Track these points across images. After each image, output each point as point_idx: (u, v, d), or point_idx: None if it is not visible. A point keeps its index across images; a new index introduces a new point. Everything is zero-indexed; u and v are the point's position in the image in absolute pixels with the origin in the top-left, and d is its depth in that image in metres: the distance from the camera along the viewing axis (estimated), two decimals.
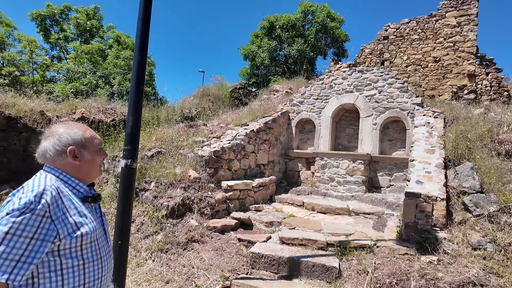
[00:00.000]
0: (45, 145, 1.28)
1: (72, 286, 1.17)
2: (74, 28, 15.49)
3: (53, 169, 1.27)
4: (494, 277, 3.15)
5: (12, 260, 1.03)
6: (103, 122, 6.37)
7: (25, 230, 1.05)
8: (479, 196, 3.92)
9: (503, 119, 5.43)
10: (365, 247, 3.87)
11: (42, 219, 1.09)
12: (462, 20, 11.86)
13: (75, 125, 1.38)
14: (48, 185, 1.17)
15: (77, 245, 1.18)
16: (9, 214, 1.05)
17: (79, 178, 1.31)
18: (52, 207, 1.12)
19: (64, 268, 1.16)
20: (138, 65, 2.99)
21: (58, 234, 1.13)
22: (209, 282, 3.42)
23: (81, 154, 1.31)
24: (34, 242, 1.07)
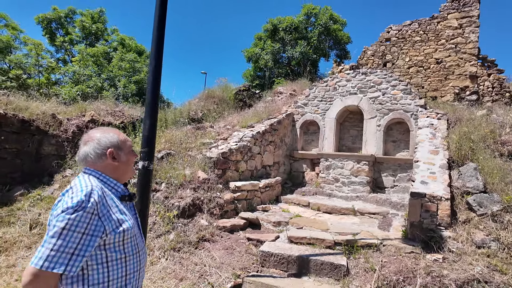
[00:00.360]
0: (86, 150, 1.40)
1: (116, 277, 1.29)
2: (80, 31, 15.67)
3: (93, 171, 1.39)
4: (498, 274, 3.24)
5: (68, 253, 1.15)
6: (112, 124, 6.50)
7: (78, 226, 1.17)
8: (483, 196, 4.02)
9: (505, 120, 5.53)
10: (372, 246, 3.97)
11: (92, 216, 1.20)
12: (464, 22, 11.94)
13: (110, 129, 1.50)
14: (94, 185, 1.29)
15: (120, 240, 1.30)
16: (64, 212, 1.16)
17: (116, 179, 1.43)
18: (99, 205, 1.24)
19: (109, 260, 1.27)
20: (154, 71, 3.12)
21: (105, 229, 1.25)
22: (221, 280, 3.53)
23: (118, 155, 1.43)
24: (85, 237, 1.19)
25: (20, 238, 4.16)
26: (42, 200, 4.94)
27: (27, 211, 4.64)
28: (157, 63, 3.13)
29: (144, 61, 14.61)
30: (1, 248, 3.95)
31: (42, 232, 4.30)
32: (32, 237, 4.20)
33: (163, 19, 3.19)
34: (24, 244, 4.07)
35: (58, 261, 1.13)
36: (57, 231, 1.14)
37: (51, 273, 1.13)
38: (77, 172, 5.67)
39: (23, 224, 4.40)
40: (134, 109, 7.97)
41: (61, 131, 5.90)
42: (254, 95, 10.86)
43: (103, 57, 13.68)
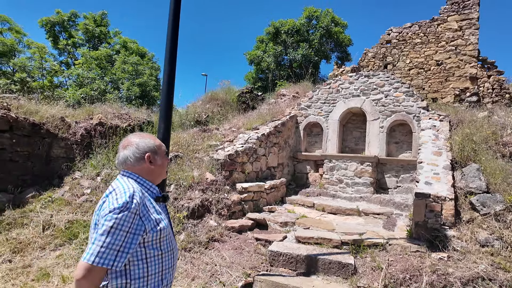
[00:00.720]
0: (126, 153, 1.50)
1: (154, 272, 1.40)
2: (83, 34, 15.80)
3: (132, 173, 1.49)
4: (502, 272, 3.34)
5: (115, 250, 1.26)
6: (119, 127, 6.60)
7: (124, 225, 1.27)
8: (486, 196, 4.12)
9: (506, 122, 5.64)
10: (378, 245, 4.07)
11: (135, 216, 1.31)
12: (464, 24, 12.05)
13: (146, 135, 1.61)
14: (135, 187, 1.39)
15: (157, 238, 1.41)
16: (112, 212, 1.27)
17: (151, 181, 1.53)
18: (140, 206, 1.35)
19: (148, 257, 1.38)
20: (168, 77, 3.23)
21: (145, 228, 1.35)
22: (232, 279, 3.63)
23: (154, 159, 1.53)
24: (130, 235, 1.29)
25: (33, 239, 4.25)
26: (53, 202, 5.03)
27: (39, 212, 4.73)
28: (171, 70, 3.24)
29: (146, 63, 14.74)
30: (16, 249, 4.04)
31: (54, 233, 4.40)
32: (46, 238, 4.29)
33: (176, 27, 3.30)
34: (38, 245, 4.16)
35: (107, 257, 1.24)
36: (106, 229, 1.25)
37: (101, 268, 1.24)
38: (85, 174, 5.77)
39: (36, 226, 4.49)
40: (140, 112, 8.07)
41: (70, 134, 6.00)
42: (256, 97, 10.98)
43: (106, 60, 13.80)
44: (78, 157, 5.88)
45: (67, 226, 4.51)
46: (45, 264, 3.79)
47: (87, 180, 5.57)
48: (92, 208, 4.94)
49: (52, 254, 4.06)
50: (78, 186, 5.42)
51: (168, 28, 3.29)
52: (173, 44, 3.28)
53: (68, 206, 4.96)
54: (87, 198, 5.14)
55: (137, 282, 1.35)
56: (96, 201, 5.07)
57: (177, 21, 3.32)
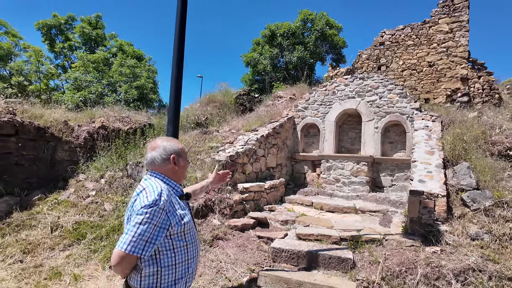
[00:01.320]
0: (154, 154, 1.69)
1: (181, 260, 1.58)
2: (79, 37, 15.84)
3: (158, 174, 1.68)
4: (491, 264, 3.55)
5: (144, 240, 1.45)
6: (121, 130, 6.73)
7: (153, 219, 1.46)
8: (476, 193, 4.35)
9: (495, 122, 5.91)
10: (375, 241, 4.27)
11: (162, 211, 1.50)
12: (454, 27, 12.36)
13: (171, 139, 1.81)
14: (163, 186, 1.58)
15: (182, 231, 1.59)
16: (143, 207, 1.46)
17: (175, 181, 1.71)
18: (166, 203, 1.54)
19: (175, 247, 1.56)
20: (176, 82, 3.39)
21: (170, 223, 1.54)
22: (237, 275, 3.80)
23: (178, 161, 1.72)
24: (156, 228, 1.48)
25: (43, 240, 4.38)
26: (60, 204, 5.15)
27: (46, 214, 4.85)
28: (178, 75, 3.41)
29: (143, 66, 14.83)
30: (26, 250, 4.17)
31: (63, 234, 4.52)
32: (55, 239, 4.42)
33: (182, 35, 3.46)
34: (47, 246, 4.29)
35: (138, 246, 1.43)
36: (137, 222, 1.44)
37: (132, 256, 1.43)
38: (89, 177, 5.89)
39: (44, 227, 4.61)
40: (140, 115, 8.20)
41: (73, 138, 6.12)
42: (253, 99, 11.17)
43: (104, 63, 13.87)
44: (81, 160, 6.01)
45: (74, 227, 4.65)
46: (56, 264, 3.93)
47: (91, 182, 5.69)
48: (98, 210, 5.08)
49: (61, 254, 4.19)
50: (83, 188, 5.55)
51: (175, 36, 3.46)
52: (180, 51, 3.45)
53: (74, 208, 5.09)
54: (92, 200, 5.27)
55: (167, 269, 1.53)
56: (101, 203, 5.21)
57: (183, 29, 3.49)
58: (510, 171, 4.65)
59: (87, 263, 3.97)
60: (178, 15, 3.47)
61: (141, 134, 6.72)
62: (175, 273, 1.56)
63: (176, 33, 3.47)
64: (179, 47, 3.44)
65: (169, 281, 1.54)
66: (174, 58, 3.43)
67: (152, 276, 1.51)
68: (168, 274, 1.54)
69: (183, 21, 3.47)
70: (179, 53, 3.44)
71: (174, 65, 3.42)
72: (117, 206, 5.09)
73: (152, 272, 1.51)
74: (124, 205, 5.09)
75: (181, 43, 3.46)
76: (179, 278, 1.58)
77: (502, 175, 4.57)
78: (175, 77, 3.39)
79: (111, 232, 4.53)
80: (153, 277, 1.51)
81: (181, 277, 1.59)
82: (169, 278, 1.54)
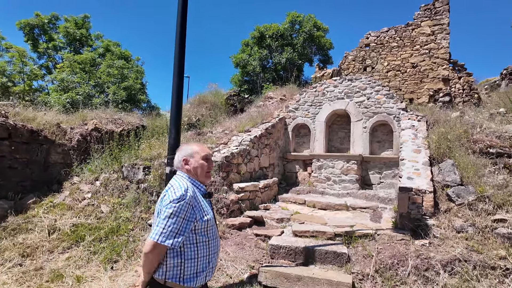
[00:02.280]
0: (175, 157, 1.83)
1: (203, 254, 1.71)
2: (64, 37, 15.52)
3: (183, 173, 1.82)
4: (475, 254, 3.81)
5: (174, 232, 1.59)
6: (114, 132, 6.72)
7: (181, 212, 1.60)
8: (460, 188, 4.63)
9: (476, 121, 6.25)
10: (368, 236, 4.48)
11: (188, 206, 1.63)
12: (436, 29, 12.82)
13: (193, 143, 1.97)
14: (189, 184, 1.71)
15: (204, 227, 1.72)
16: (172, 202, 1.61)
17: (197, 180, 1.83)
18: (192, 199, 1.66)
19: (198, 242, 1.69)
20: (177, 86, 3.49)
21: (196, 217, 1.67)
22: (237, 272, 3.93)
23: (189, 162, 1.84)
24: (184, 221, 1.62)
25: (41, 243, 4.37)
26: (55, 207, 5.14)
27: (42, 217, 4.84)
28: (179, 80, 3.50)
29: (131, 67, 14.67)
30: (25, 253, 4.16)
31: (61, 236, 4.53)
32: (53, 242, 4.42)
33: (183, 40, 3.56)
34: (46, 249, 4.29)
35: (168, 237, 1.58)
36: (167, 215, 1.58)
37: (163, 245, 1.58)
38: (84, 179, 5.88)
39: (41, 230, 4.60)
40: (132, 116, 8.19)
41: (67, 140, 6.08)
42: (244, 100, 11.30)
43: (91, 63, 13.67)
44: (75, 162, 5.98)
45: (72, 229, 4.66)
46: (56, 266, 3.95)
47: (87, 185, 5.69)
48: (95, 212, 5.10)
49: (61, 256, 4.21)
50: (78, 191, 5.54)
51: (176, 40, 3.55)
52: (181, 55, 3.54)
53: (70, 211, 5.09)
54: (89, 202, 5.28)
55: (190, 262, 1.66)
56: (97, 205, 5.23)
57: (184, 34, 3.58)
58: (491, 167, 4.96)
59: (88, 265, 4.01)
60: (178, 23, 3.57)
61: (134, 136, 6.73)
62: (196, 266, 1.68)
63: (176, 40, 3.56)
64: (179, 54, 3.53)
65: (191, 273, 1.67)
66: (175, 64, 3.52)
67: (176, 267, 1.64)
68: (190, 267, 1.66)
69: (183, 30, 3.56)
70: (180, 59, 3.53)
71: (175, 71, 3.51)
72: (114, 208, 5.12)
73: (176, 263, 1.64)
74: (121, 207, 5.13)
75: (182, 51, 3.55)
76: (200, 271, 1.70)
77: (483, 171, 4.87)
78: (176, 82, 3.49)
79: (110, 234, 4.57)
80: (176, 268, 1.64)
81: (202, 271, 1.71)
82: (191, 270, 1.67)
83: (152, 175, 5.42)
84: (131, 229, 4.67)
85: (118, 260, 4.09)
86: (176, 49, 3.54)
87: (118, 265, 4.01)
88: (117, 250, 4.22)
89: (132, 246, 4.33)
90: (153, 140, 6.53)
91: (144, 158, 5.83)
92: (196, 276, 1.69)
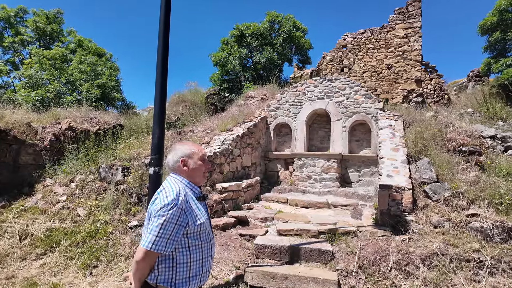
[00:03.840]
0: (168, 157, 1.79)
1: (196, 259, 1.66)
2: (33, 32, 14.66)
3: (176, 175, 1.75)
4: (451, 248, 3.98)
5: (166, 238, 1.53)
6: (90, 131, 6.43)
7: (173, 218, 1.54)
8: (436, 185, 4.83)
9: (449, 120, 6.55)
10: (350, 233, 4.57)
11: (180, 211, 1.57)
12: (409, 32, 13.30)
13: (187, 142, 1.88)
14: (181, 187, 1.64)
15: (197, 231, 1.67)
16: (162, 208, 1.54)
17: (192, 182, 1.77)
18: (184, 203, 1.60)
19: (190, 246, 1.64)
20: (161, 85, 3.38)
21: (188, 222, 1.61)
22: (223, 273, 3.87)
23: (188, 163, 1.77)
24: (176, 227, 1.56)
25: (11, 250, 4.11)
26: (27, 211, 4.84)
27: (12, 223, 4.55)
28: (162, 78, 3.40)
29: (104, 63, 14.10)
30: None
31: (34, 242, 4.28)
32: (25, 248, 4.16)
33: (166, 38, 3.46)
34: (17, 256, 4.04)
35: (160, 244, 1.52)
36: (160, 222, 1.52)
37: (155, 253, 1.52)
38: (58, 181, 5.58)
39: (12, 236, 4.33)
40: (108, 115, 7.88)
41: (38, 140, 5.75)
42: (224, 99, 11.20)
43: (61, 60, 13.00)
44: (48, 163, 5.67)
45: (46, 234, 4.41)
46: (29, 274, 3.72)
47: (61, 187, 5.41)
48: (71, 216, 4.86)
49: (34, 263, 3.97)
50: (52, 194, 5.26)
51: (159, 38, 3.44)
52: (164, 52, 3.44)
53: (43, 215, 4.82)
54: (64, 205, 5.02)
55: (182, 266, 1.61)
56: (73, 208, 4.99)
57: (167, 32, 3.48)
58: (464, 164, 5.21)
59: (65, 271, 3.81)
60: (161, 22, 3.46)
61: (111, 135, 6.47)
62: (189, 270, 1.63)
63: (159, 38, 3.45)
64: (163, 50, 3.43)
65: (184, 277, 1.62)
66: (158, 61, 3.41)
67: (167, 271, 1.59)
68: (182, 271, 1.61)
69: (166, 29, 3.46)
70: (163, 57, 3.42)
71: (159, 69, 3.40)
72: (92, 210, 4.90)
73: (167, 267, 1.59)
74: (99, 210, 4.92)
75: (165, 46, 3.45)
76: (193, 275, 1.65)
77: (457, 169, 5.11)
78: (160, 81, 3.38)
79: (88, 238, 4.37)
80: (168, 273, 1.59)
81: (195, 275, 1.66)
82: (183, 274, 1.62)
83: (132, 176, 5.24)
84: (110, 232, 4.49)
85: (98, 265, 3.92)
86: (159, 47, 3.43)
87: (98, 270, 3.84)
88: (96, 254, 4.04)
89: (112, 250, 4.16)
90: (132, 139, 6.31)
91: (123, 159, 5.63)
92: (189, 280, 1.63)
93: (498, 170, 4.97)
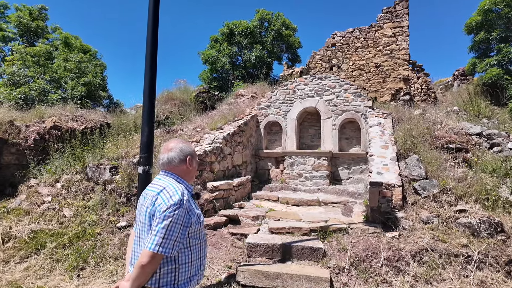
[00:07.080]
0: (172, 155, 1.72)
1: (196, 258, 1.65)
2: (15, 28, 14.19)
3: (173, 174, 1.71)
4: (441, 243, 4.05)
5: (172, 240, 1.49)
6: (76, 130, 6.26)
7: (179, 219, 1.51)
8: (425, 182, 4.90)
9: (436, 118, 6.66)
10: (341, 230, 4.59)
11: (185, 211, 1.55)
12: (397, 31, 13.46)
13: (185, 141, 1.85)
14: (183, 187, 1.60)
15: (197, 230, 1.65)
16: (170, 208, 1.50)
17: (187, 180, 1.74)
18: (187, 203, 1.57)
19: (191, 245, 1.61)
20: (150, 81, 3.30)
21: (191, 221, 1.58)
22: (215, 272, 3.83)
23: (192, 162, 1.76)
24: (182, 228, 1.53)
25: None
26: (10, 213, 4.68)
27: None
28: (151, 75, 3.32)
29: (89, 61, 13.78)
30: None
31: (18, 245, 4.13)
32: (8, 251, 4.02)
33: (155, 33, 3.38)
34: (0, 259, 3.89)
35: (167, 246, 1.47)
36: (166, 223, 1.48)
37: (161, 255, 1.48)
38: (42, 181, 5.41)
39: None
40: (95, 114, 7.69)
41: (21, 139, 5.56)
42: (214, 97, 11.10)
43: (46, 57, 12.63)
44: (32, 163, 5.49)
45: (31, 236, 4.27)
46: (13, 278, 3.59)
47: (46, 188, 5.25)
48: (56, 217, 4.72)
49: (18, 266, 3.84)
50: (36, 194, 5.09)
51: (148, 34, 3.36)
52: (153, 49, 3.36)
53: (27, 216, 4.67)
54: (49, 206, 4.87)
55: (183, 266, 1.58)
56: (59, 209, 4.85)
57: (156, 28, 3.40)
58: (451, 161, 5.30)
59: (51, 274, 3.70)
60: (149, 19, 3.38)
61: (98, 134, 6.32)
62: (190, 270, 1.61)
63: (148, 34, 3.37)
64: (152, 48, 3.35)
65: (185, 278, 1.59)
66: (147, 59, 3.33)
67: (170, 273, 1.55)
68: (184, 271, 1.59)
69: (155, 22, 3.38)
70: (152, 54, 3.35)
71: (147, 66, 3.32)
72: (79, 211, 4.77)
73: (170, 269, 1.55)
74: (86, 210, 4.79)
75: (154, 43, 3.37)
76: (193, 275, 1.64)
77: (445, 165, 5.19)
78: (148, 78, 3.31)
79: (74, 239, 4.26)
80: (171, 275, 1.55)
81: (195, 274, 1.65)
82: (185, 275, 1.59)
83: (120, 176, 5.13)
84: (98, 233, 4.38)
85: (85, 267, 3.82)
86: (147, 44, 3.35)
87: (85, 272, 3.74)
88: (84, 256, 3.93)
89: (100, 251, 4.06)
90: (119, 138, 6.18)
91: (111, 158, 5.50)
92: (190, 280, 1.62)
93: (484, 167, 5.07)
